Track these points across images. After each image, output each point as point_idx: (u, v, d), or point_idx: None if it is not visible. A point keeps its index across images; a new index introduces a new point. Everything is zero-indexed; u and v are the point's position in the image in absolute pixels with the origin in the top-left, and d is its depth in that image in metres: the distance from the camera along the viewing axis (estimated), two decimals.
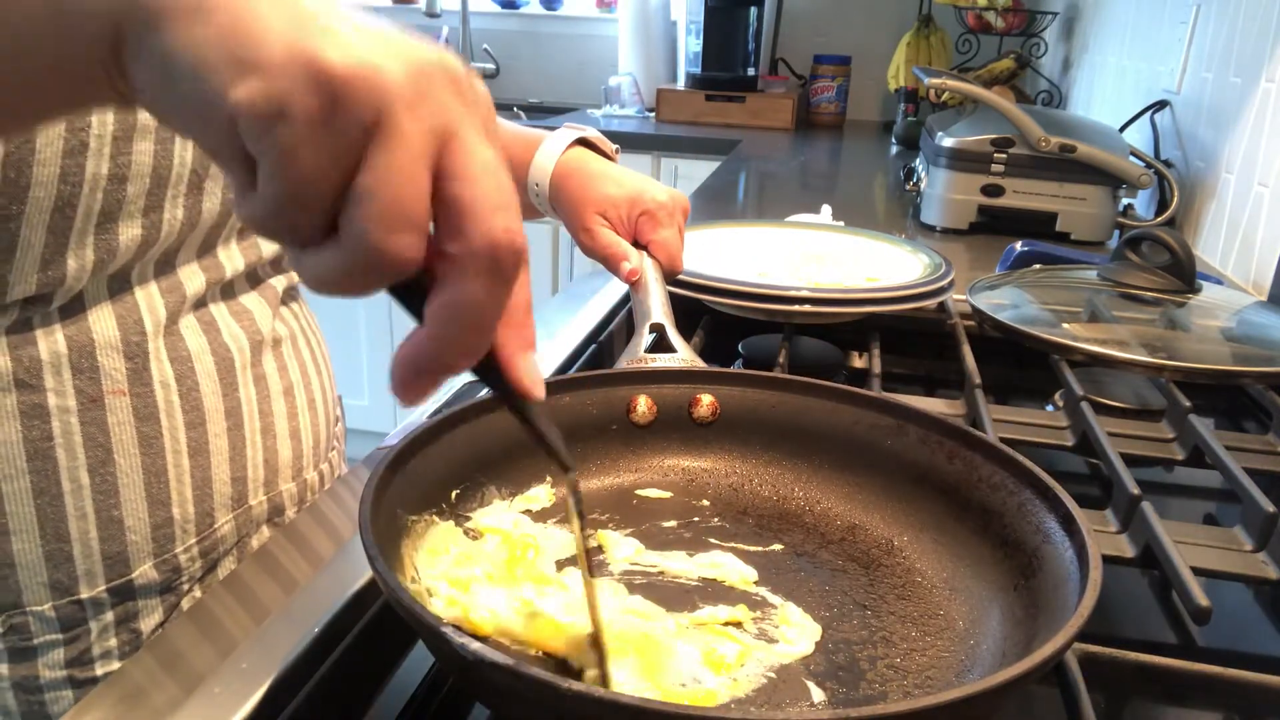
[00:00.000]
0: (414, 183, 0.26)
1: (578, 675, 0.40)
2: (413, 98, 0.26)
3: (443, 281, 0.28)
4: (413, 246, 0.27)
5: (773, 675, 0.41)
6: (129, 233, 0.52)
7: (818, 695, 0.41)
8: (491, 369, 0.32)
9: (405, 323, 0.29)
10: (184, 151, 0.52)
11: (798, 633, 0.44)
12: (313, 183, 0.26)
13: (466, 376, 0.79)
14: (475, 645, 0.32)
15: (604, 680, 0.39)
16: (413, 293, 0.29)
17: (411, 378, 0.29)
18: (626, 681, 0.40)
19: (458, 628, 0.33)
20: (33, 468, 0.52)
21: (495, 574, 0.45)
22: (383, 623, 0.49)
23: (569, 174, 0.76)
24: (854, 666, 0.42)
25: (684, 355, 0.63)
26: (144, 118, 0.50)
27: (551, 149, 0.77)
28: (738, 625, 0.45)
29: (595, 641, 0.40)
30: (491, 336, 0.29)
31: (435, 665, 0.46)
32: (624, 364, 0.62)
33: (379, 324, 2.59)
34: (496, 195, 0.27)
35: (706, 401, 0.57)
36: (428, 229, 0.27)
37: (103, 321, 0.53)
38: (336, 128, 0.25)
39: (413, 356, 0.28)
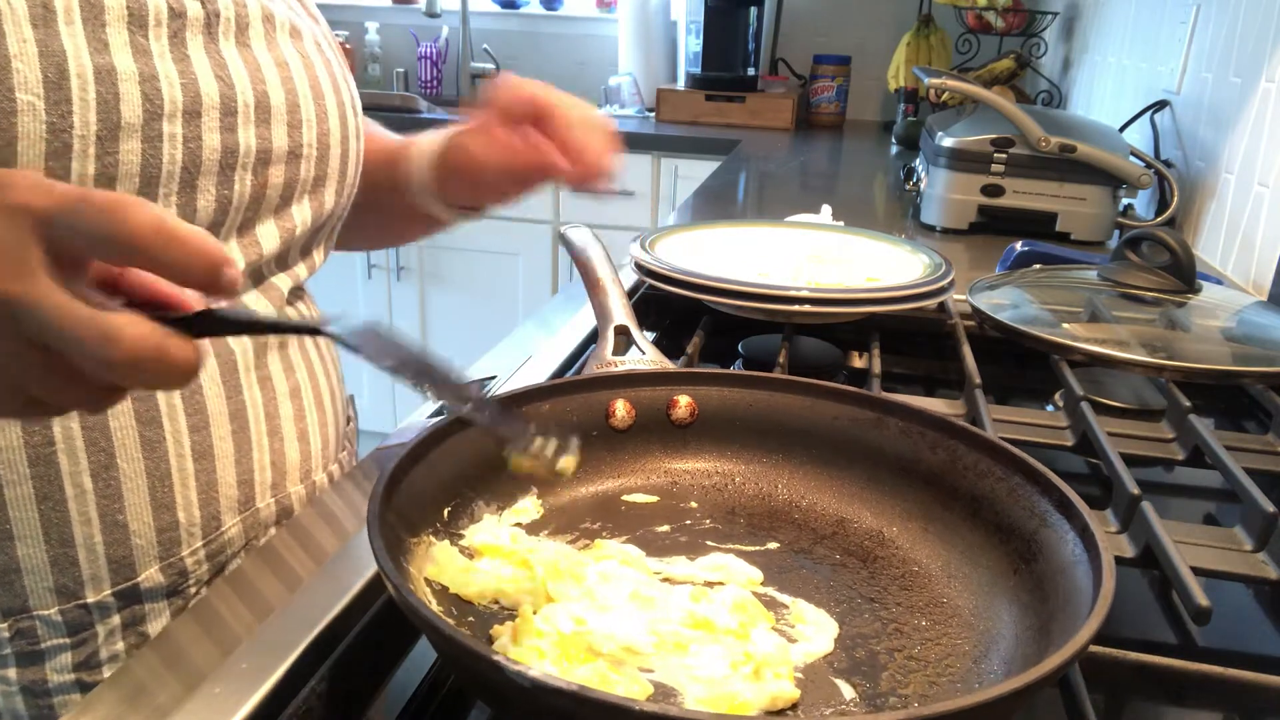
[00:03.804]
0: (22, 366, 0.36)
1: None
2: None
3: None
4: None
5: (800, 675, 0.42)
6: None
7: (848, 693, 0.41)
8: (177, 319, 0.36)
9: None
10: (174, 149, 0.51)
11: (815, 630, 0.44)
12: None
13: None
14: (534, 673, 0.31)
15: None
16: None
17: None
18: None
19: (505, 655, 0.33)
20: (35, 473, 0.51)
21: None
22: (383, 623, 0.49)
23: (456, 134, 0.71)
24: (874, 660, 0.43)
25: (652, 356, 0.63)
26: (130, 116, 0.48)
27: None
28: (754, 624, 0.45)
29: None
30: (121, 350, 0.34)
31: (435, 665, 0.46)
32: (593, 368, 0.62)
33: None
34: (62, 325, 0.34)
35: (684, 403, 0.57)
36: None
37: None
38: None
39: None
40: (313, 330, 0.37)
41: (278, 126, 0.57)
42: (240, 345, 0.60)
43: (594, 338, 0.90)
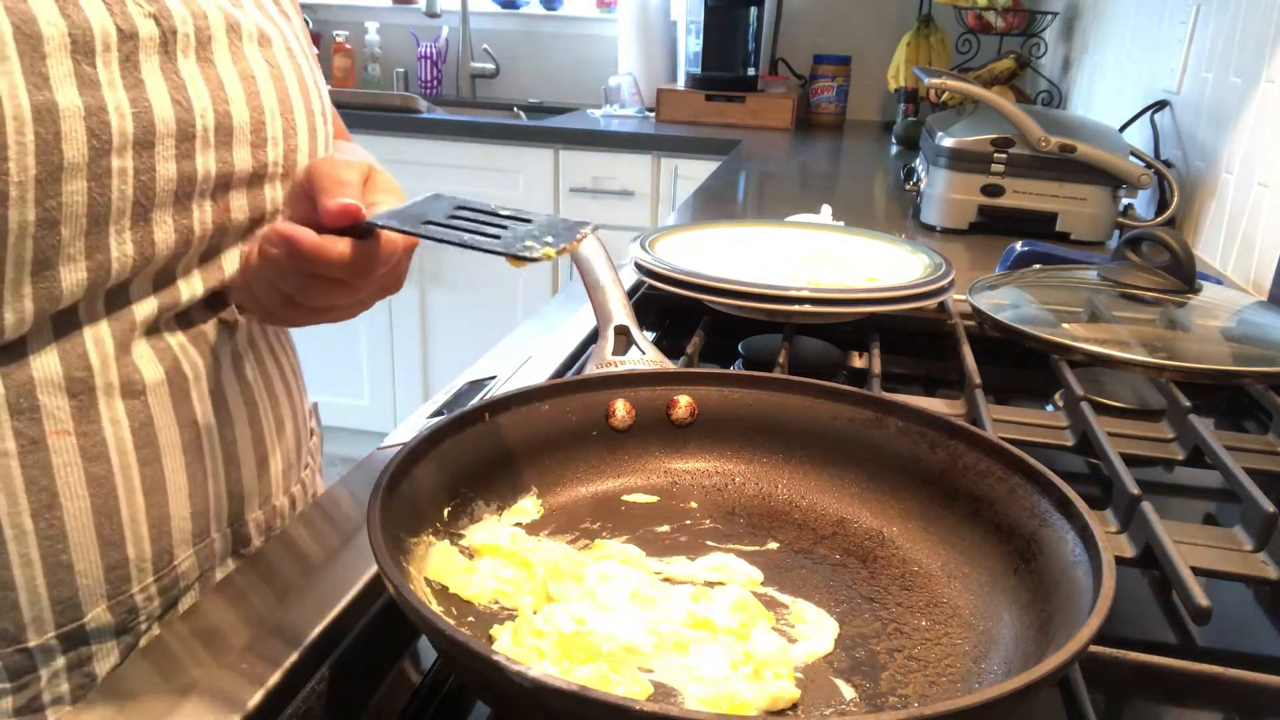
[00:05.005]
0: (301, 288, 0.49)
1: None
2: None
3: None
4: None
5: (800, 675, 0.42)
6: (72, 277, 0.47)
7: (848, 693, 0.41)
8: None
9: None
10: (124, 184, 0.48)
11: (815, 630, 0.44)
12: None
13: (461, 381, 0.79)
14: (534, 673, 0.31)
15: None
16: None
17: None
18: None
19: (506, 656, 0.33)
20: None
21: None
22: (383, 623, 0.49)
23: None
24: (874, 660, 0.43)
25: (651, 356, 0.63)
26: (73, 155, 0.45)
27: None
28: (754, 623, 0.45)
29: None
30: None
31: (435, 665, 0.46)
32: (592, 368, 0.62)
33: (379, 324, 2.59)
34: None
35: (684, 403, 0.57)
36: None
37: (43, 358, 0.49)
38: None
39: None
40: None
41: (240, 148, 0.54)
42: (194, 373, 0.56)
43: (594, 338, 0.90)
